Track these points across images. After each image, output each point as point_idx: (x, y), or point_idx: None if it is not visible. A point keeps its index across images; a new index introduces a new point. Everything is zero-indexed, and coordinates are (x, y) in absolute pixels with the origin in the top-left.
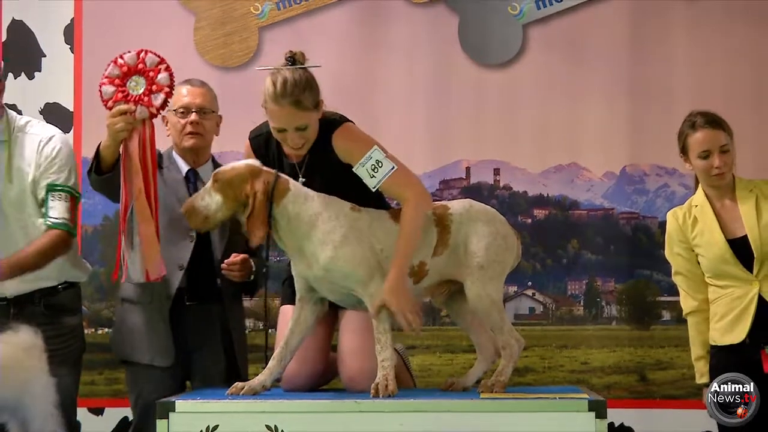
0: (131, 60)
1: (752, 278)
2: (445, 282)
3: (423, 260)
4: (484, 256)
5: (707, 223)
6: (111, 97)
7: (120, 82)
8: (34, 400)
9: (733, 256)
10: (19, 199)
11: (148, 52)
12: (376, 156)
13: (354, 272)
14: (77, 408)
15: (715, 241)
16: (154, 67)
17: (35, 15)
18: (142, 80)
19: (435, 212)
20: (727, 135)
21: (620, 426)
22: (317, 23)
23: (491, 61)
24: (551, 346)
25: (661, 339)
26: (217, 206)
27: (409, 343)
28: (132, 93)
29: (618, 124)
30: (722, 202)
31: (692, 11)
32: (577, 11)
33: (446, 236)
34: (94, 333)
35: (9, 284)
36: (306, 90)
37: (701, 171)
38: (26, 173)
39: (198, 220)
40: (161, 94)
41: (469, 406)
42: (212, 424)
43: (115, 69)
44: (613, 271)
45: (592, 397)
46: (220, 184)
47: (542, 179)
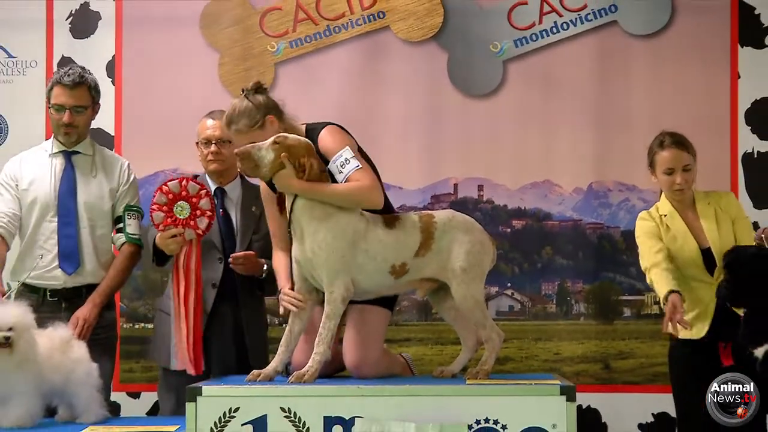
0: (175, 188)
1: (713, 282)
2: (426, 279)
3: (404, 261)
4: (465, 260)
5: (680, 231)
6: (161, 221)
7: (167, 208)
8: (79, 385)
9: (702, 261)
10: (95, 210)
11: (189, 180)
12: (345, 155)
13: (325, 265)
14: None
15: (689, 248)
16: (196, 193)
17: (81, 52)
18: (187, 205)
19: (421, 219)
20: (690, 155)
21: (587, 408)
22: (325, 59)
23: (476, 93)
24: (528, 339)
25: (622, 333)
26: (268, 161)
27: (404, 336)
28: (179, 217)
29: (585, 147)
30: (686, 214)
31: (650, 49)
32: (550, 49)
33: (430, 241)
34: (131, 327)
35: (62, 278)
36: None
37: (665, 185)
38: (110, 190)
39: (249, 165)
40: (205, 219)
41: (457, 390)
42: (234, 407)
43: (162, 197)
44: (581, 274)
45: (563, 383)
46: (279, 146)
47: (520, 194)
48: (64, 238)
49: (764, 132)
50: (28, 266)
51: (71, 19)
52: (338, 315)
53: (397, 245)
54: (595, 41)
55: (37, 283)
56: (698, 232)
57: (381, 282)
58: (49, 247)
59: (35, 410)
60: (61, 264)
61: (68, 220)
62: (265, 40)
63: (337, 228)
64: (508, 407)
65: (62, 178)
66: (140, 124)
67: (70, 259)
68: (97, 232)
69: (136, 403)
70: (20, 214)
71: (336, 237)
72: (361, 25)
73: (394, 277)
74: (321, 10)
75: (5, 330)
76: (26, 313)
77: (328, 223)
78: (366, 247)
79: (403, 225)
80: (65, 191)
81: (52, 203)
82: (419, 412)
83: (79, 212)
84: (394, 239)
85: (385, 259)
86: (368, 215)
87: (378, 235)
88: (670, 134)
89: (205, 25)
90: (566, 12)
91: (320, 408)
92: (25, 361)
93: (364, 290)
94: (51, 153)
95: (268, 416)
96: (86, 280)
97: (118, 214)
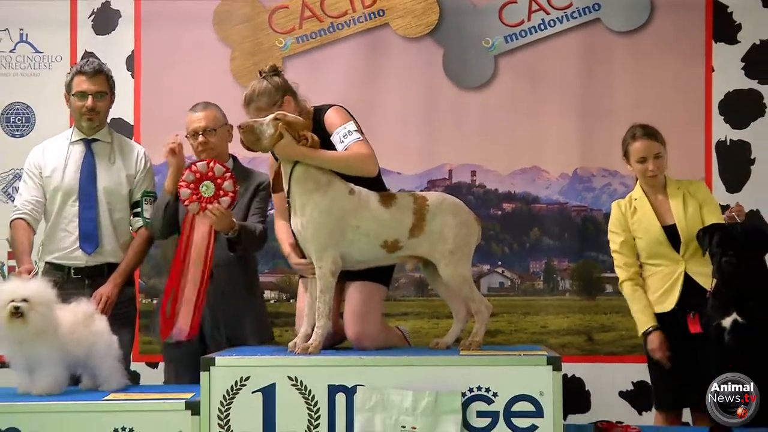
0: (203, 168)
1: (679, 258)
2: (417, 257)
3: (397, 238)
4: (453, 242)
5: (645, 212)
6: (188, 197)
7: (194, 186)
8: (100, 356)
9: (665, 238)
10: (113, 190)
11: (216, 162)
12: (348, 127)
13: (313, 240)
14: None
15: (651, 226)
16: (221, 175)
17: (103, 48)
18: (212, 185)
19: (416, 201)
20: (660, 144)
21: (572, 377)
22: (329, 54)
23: (469, 85)
24: (517, 313)
25: (604, 307)
26: (269, 135)
27: (402, 310)
28: (204, 195)
29: (570, 135)
30: (656, 197)
31: (631, 45)
32: (538, 45)
33: (422, 222)
34: (150, 303)
35: (83, 257)
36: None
37: (639, 172)
38: (127, 176)
39: (251, 138)
40: (227, 198)
41: (451, 361)
42: (244, 376)
43: (191, 175)
44: (567, 253)
45: (549, 354)
46: (279, 122)
47: (510, 179)
48: (85, 221)
49: (736, 122)
50: (52, 248)
51: (93, 17)
52: (331, 288)
53: (391, 223)
54: (580, 37)
55: (62, 262)
56: (663, 212)
57: (373, 255)
58: (71, 230)
59: (61, 379)
60: (82, 245)
61: (89, 204)
62: (274, 36)
63: (323, 204)
64: (498, 376)
65: (83, 164)
66: (157, 114)
67: (89, 240)
68: (115, 216)
69: (154, 372)
70: (44, 200)
71: (322, 212)
72: (362, 23)
73: (386, 251)
74: (325, 8)
75: (18, 300)
76: (45, 288)
77: (316, 198)
78: (357, 223)
79: (398, 204)
80: (86, 177)
81: (74, 188)
82: (416, 381)
83: (99, 197)
84: (389, 217)
85: (378, 235)
86: (361, 193)
87: (371, 212)
88: (641, 126)
89: (218, 22)
90: (553, 10)
91: (325, 377)
92: (42, 332)
93: (356, 261)
94: (72, 141)
95: (276, 385)
96: (106, 259)
97: (136, 199)
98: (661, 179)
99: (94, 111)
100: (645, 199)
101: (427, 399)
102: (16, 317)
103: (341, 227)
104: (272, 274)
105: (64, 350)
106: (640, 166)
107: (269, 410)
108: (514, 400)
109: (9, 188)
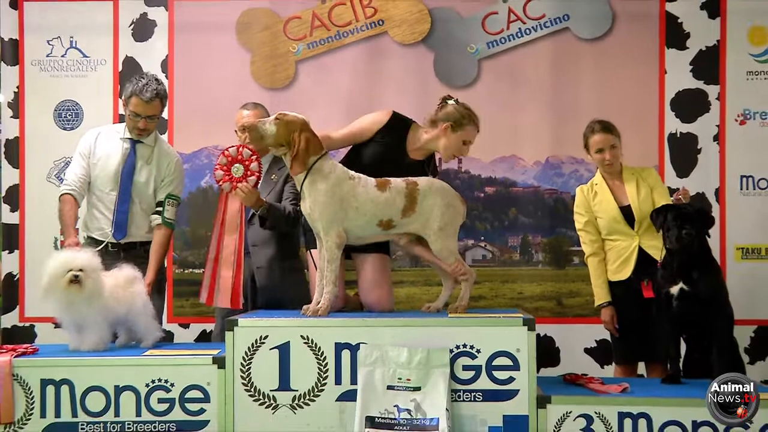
0: (233, 153)
1: (634, 234)
2: (409, 234)
3: (391, 218)
4: (441, 220)
5: (604, 195)
6: (221, 178)
7: (227, 168)
8: (138, 314)
9: (622, 217)
10: (143, 186)
11: (244, 147)
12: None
13: (320, 219)
14: (172, 324)
15: (610, 207)
16: (248, 158)
17: (141, 53)
18: (241, 167)
19: (407, 186)
20: (615, 137)
21: (544, 336)
22: (336, 58)
23: (456, 85)
24: (497, 282)
25: (572, 276)
26: (270, 134)
27: (398, 279)
28: (235, 176)
29: (543, 128)
30: (613, 182)
31: (595, 50)
32: (515, 50)
33: (414, 204)
34: (182, 272)
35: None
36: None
37: (597, 161)
38: (155, 177)
39: (255, 137)
40: (254, 177)
41: (441, 322)
42: (263, 335)
43: (224, 159)
44: (540, 230)
45: (525, 316)
46: (279, 121)
47: (491, 166)
48: (119, 212)
49: (685, 117)
50: (91, 226)
51: (133, 26)
52: (337, 259)
53: (386, 205)
54: (552, 44)
55: (100, 238)
56: (620, 194)
57: (371, 232)
58: (108, 214)
59: (106, 337)
60: (115, 233)
61: (124, 198)
62: (288, 43)
63: (327, 188)
64: (481, 335)
65: (126, 161)
66: (189, 110)
67: (120, 230)
68: (143, 207)
69: (186, 332)
70: (89, 179)
71: (327, 196)
72: (364, 31)
73: (381, 229)
74: (332, 19)
75: (76, 270)
76: (94, 257)
77: (320, 184)
78: (357, 205)
79: (392, 188)
80: (126, 173)
81: (115, 180)
82: (411, 339)
83: (132, 192)
84: (384, 200)
85: (374, 214)
86: (360, 179)
87: (369, 195)
88: (599, 121)
89: (240, 31)
90: (529, 20)
91: (332, 336)
92: (93, 296)
93: (357, 236)
94: (122, 137)
95: (290, 342)
96: (137, 240)
97: (160, 199)
98: (617, 167)
99: (144, 130)
100: (604, 184)
101: (420, 355)
102: (73, 284)
103: (344, 207)
104: None
105: (108, 311)
106: (599, 156)
107: (284, 364)
108: (495, 356)
109: (61, 174)
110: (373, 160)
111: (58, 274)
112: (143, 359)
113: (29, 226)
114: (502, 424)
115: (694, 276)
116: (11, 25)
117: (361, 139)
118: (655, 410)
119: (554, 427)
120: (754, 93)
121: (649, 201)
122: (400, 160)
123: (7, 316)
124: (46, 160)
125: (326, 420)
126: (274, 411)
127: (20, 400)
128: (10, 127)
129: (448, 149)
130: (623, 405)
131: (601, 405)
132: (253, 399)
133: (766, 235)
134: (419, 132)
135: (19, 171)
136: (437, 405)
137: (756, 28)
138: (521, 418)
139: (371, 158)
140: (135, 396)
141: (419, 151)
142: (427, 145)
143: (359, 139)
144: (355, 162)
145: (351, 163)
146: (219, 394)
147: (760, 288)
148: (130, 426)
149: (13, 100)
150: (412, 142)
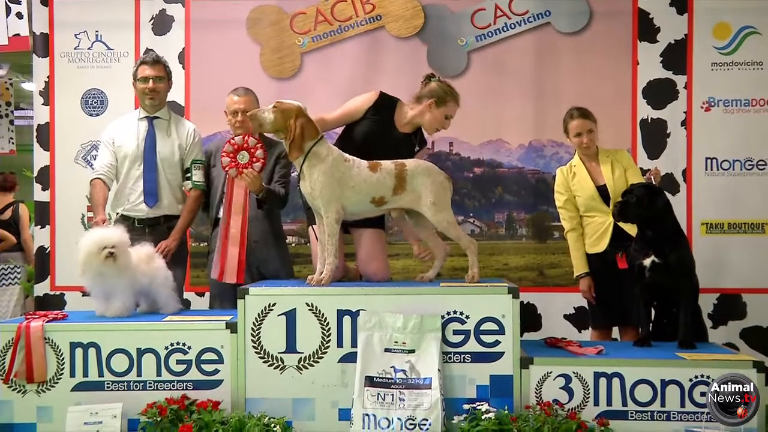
0: (239, 141)
1: (609, 211)
2: (402, 209)
3: (383, 195)
4: (433, 195)
5: (582, 176)
6: (228, 164)
7: (233, 155)
8: (159, 286)
9: (598, 196)
10: (169, 160)
11: (249, 136)
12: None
13: (320, 197)
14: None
15: (587, 186)
16: (254, 146)
17: (160, 46)
18: (247, 154)
19: (396, 167)
20: (592, 122)
21: (527, 303)
22: (338, 50)
23: (447, 75)
24: (484, 254)
25: (553, 249)
26: (269, 121)
27: (395, 252)
28: (240, 162)
29: (527, 114)
30: (590, 164)
31: (575, 44)
32: (502, 43)
33: (403, 183)
34: (198, 245)
35: (145, 210)
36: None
37: (576, 145)
38: (179, 146)
39: (255, 124)
40: (259, 164)
41: (433, 291)
42: (271, 303)
43: (230, 147)
44: (524, 207)
45: (510, 285)
46: (277, 109)
47: (479, 149)
48: (148, 182)
49: (656, 104)
50: (121, 202)
51: (153, 21)
52: (336, 233)
53: (377, 184)
54: (534, 37)
55: (128, 213)
56: (596, 175)
57: (365, 208)
58: (137, 188)
59: (130, 304)
60: (146, 200)
61: (151, 168)
62: (294, 36)
63: (325, 169)
64: (470, 303)
65: (146, 137)
66: (203, 98)
67: (151, 196)
68: (170, 177)
69: (202, 300)
70: (116, 164)
71: (325, 175)
72: (363, 25)
73: (374, 205)
74: (335, 14)
75: (110, 246)
76: (124, 233)
77: (319, 165)
78: (352, 184)
79: (382, 170)
80: (149, 147)
81: (139, 156)
82: (406, 306)
83: (158, 162)
84: (376, 180)
85: (368, 193)
86: (354, 161)
87: (362, 176)
88: (577, 108)
89: (250, 25)
90: (513, 15)
91: (334, 303)
92: (124, 268)
93: (352, 213)
94: (138, 118)
95: (296, 309)
96: (163, 212)
97: (187, 166)
98: (593, 149)
99: (154, 91)
100: (582, 166)
101: (415, 320)
102: (108, 259)
103: (341, 186)
104: (293, 223)
105: (133, 282)
106: (577, 140)
107: (291, 329)
108: (482, 321)
109: (87, 156)
110: (366, 136)
111: (94, 252)
112: (163, 324)
113: (59, 204)
114: (489, 383)
115: (664, 249)
116: (42, 20)
117: (352, 118)
118: (628, 370)
119: (536, 386)
120: (718, 83)
121: (622, 180)
122: (391, 135)
123: (40, 286)
124: (74, 143)
125: (329, 379)
126: (281, 371)
127: (52, 361)
128: (42, 113)
129: (432, 123)
130: (599, 365)
131: (578, 366)
132: (263, 360)
133: (728, 212)
134: (405, 108)
135: (50, 153)
136: (430, 366)
137: (720, 24)
138: (506, 377)
139: (364, 134)
140: (155, 358)
141: (407, 125)
142: (413, 120)
143: (351, 118)
144: (350, 139)
145: (346, 140)
146: (232, 356)
147: (723, 259)
148: (151, 385)
149: (44, 89)
150: (400, 118)
